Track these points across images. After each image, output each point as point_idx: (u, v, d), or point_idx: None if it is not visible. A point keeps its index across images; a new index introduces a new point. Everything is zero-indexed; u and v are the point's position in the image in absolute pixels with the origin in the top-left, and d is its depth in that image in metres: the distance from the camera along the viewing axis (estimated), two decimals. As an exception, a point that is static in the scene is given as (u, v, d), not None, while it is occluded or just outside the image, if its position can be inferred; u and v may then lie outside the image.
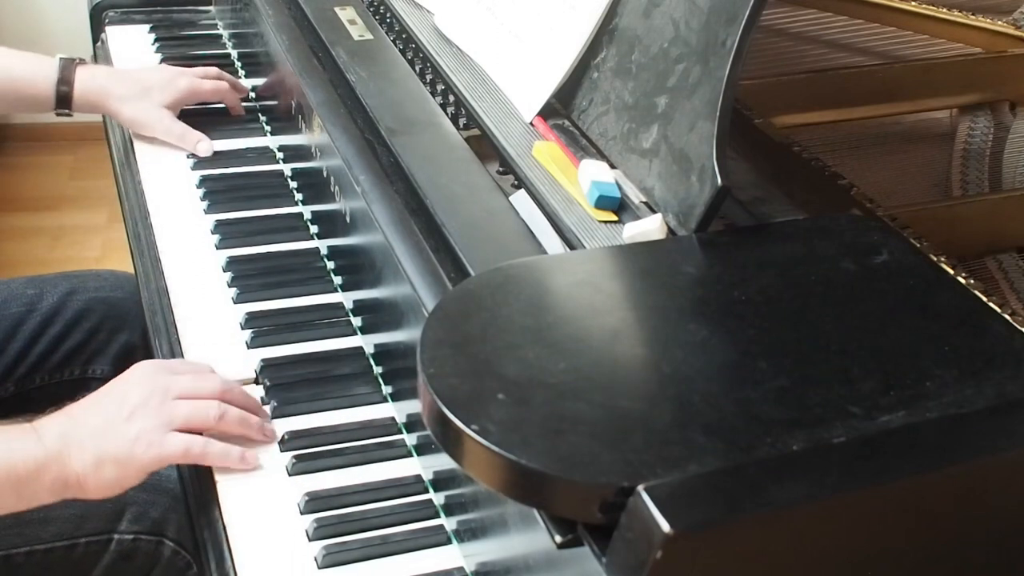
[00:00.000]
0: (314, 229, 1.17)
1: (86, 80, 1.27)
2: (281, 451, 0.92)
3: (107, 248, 2.45)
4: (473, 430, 0.58)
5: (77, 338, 1.26)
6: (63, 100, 1.27)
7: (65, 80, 1.26)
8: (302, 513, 0.87)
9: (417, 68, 1.06)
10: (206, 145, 1.28)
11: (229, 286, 1.10)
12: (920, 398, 0.62)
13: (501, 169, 0.93)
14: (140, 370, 0.93)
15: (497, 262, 0.73)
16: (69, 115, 1.31)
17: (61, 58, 1.27)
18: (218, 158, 1.29)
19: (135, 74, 1.32)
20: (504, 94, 0.97)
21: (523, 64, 0.96)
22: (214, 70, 1.36)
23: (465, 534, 0.83)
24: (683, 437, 0.58)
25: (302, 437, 0.93)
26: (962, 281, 0.78)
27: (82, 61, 1.29)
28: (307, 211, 1.19)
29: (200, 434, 0.89)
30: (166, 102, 1.28)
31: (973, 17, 1.23)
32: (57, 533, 1.00)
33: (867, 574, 0.61)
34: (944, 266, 0.81)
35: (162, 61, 1.48)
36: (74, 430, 0.87)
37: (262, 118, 1.36)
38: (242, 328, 1.04)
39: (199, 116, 1.35)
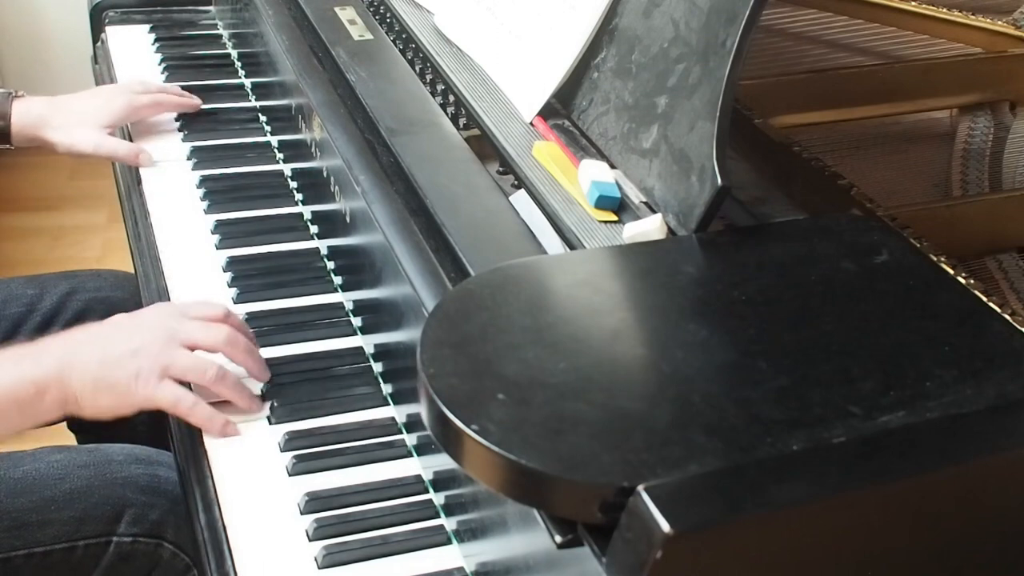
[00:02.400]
0: (314, 229, 1.17)
1: (22, 113, 1.26)
2: (281, 451, 0.92)
3: (107, 248, 2.45)
4: (473, 430, 0.58)
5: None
6: (0, 134, 1.26)
7: (0, 115, 1.25)
8: (302, 513, 0.87)
9: (417, 68, 1.06)
10: (146, 156, 1.27)
11: (229, 286, 1.10)
12: (920, 398, 0.62)
13: (501, 169, 0.93)
14: (155, 310, 0.98)
15: (497, 262, 0.73)
16: (9, 148, 1.28)
17: None
18: (218, 158, 1.29)
19: (71, 102, 1.30)
20: (504, 94, 0.97)
21: (523, 64, 0.96)
22: (156, 84, 1.37)
23: (465, 534, 0.83)
24: (683, 437, 0.58)
25: (302, 437, 0.93)
26: (962, 281, 0.78)
27: (18, 95, 1.28)
28: (307, 211, 1.19)
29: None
30: (103, 123, 1.27)
31: (973, 17, 1.23)
32: (56, 535, 1.00)
33: (867, 574, 0.61)
34: (944, 266, 0.81)
35: (162, 61, 1.48)
36: (78, 354, 0.90)
37: (262, 118, 1.36)
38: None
39: (199, 116, 1.36)
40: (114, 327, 0.95)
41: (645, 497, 0.54)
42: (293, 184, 1.24)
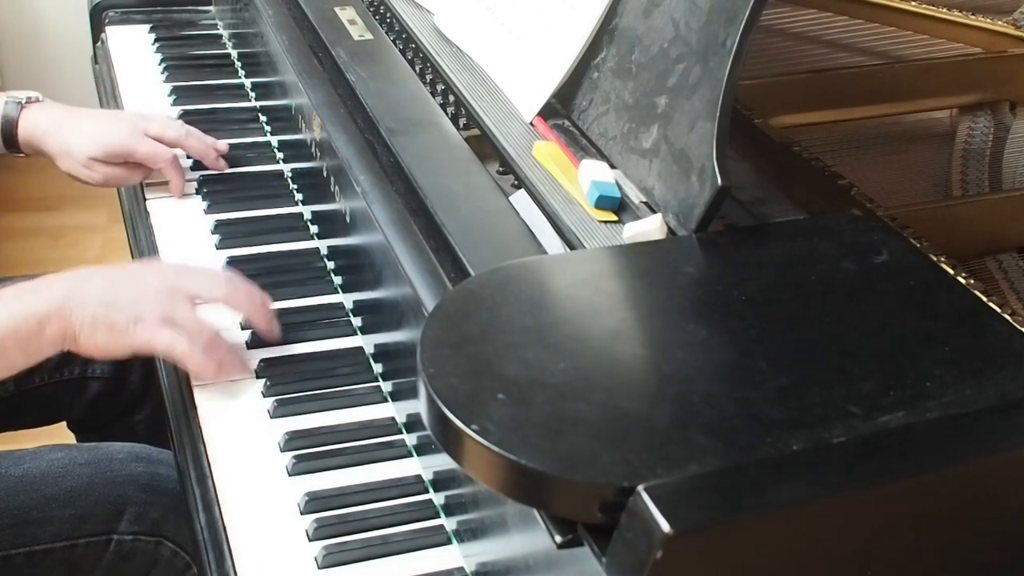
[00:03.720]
0: (314, 229, 1.17)
1: (28, 123, 1.22)
2: (281, 451, 0.92)
3: (107, 248, 2.45)
4: (473, 430, 0.58)
5: (76, 337, 1.26)
6: (9, 140, 1.22)
7: (9, 121, 1.21)
8: (302, 513, 0.87)
9: (417, 68, 1.06)
10: (136, 176, 1.23)
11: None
12: (920, 398, 0.62)
13: (501, 169, 0.93)
14: (160, 264, 1.03)
15: (497, 262, 0.73)
16: (20, 155, 1.24)
17: (9, 99, 1.21)
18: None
19: (74, 121, 1.21)
20: (504, 94, 0.97)
21: (523, 64, 0.96)
22: (179, 130, 1.23)
23: (465, 534, 0.83)
24: (683, 437, 0.58)
25: (302, 437, 0.93)
26: (962, 281, 0.78)
27: (33, 101, 1.23)
28: (307, 211, 1.19)
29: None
30: (91, 155, 1.19)
31: (973, 17, 1.23)
32: (56, 533, 1.00)
33: (867, 574, 0.61)
34: (944, 266, 0.81)
35: (162, 61, 1.48)
36: (81, 291, 0.92)
37: (262, 118, 1.36)
38: (242, 328, 1.04)
39: (200, 117, 1.36)
40: (121, 272, 0.97)
41: (645, 497, 0.54)
42: (293, 184, 1.24)
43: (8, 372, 0.92)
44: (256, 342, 1.02)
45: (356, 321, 1.05)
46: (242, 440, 0.93)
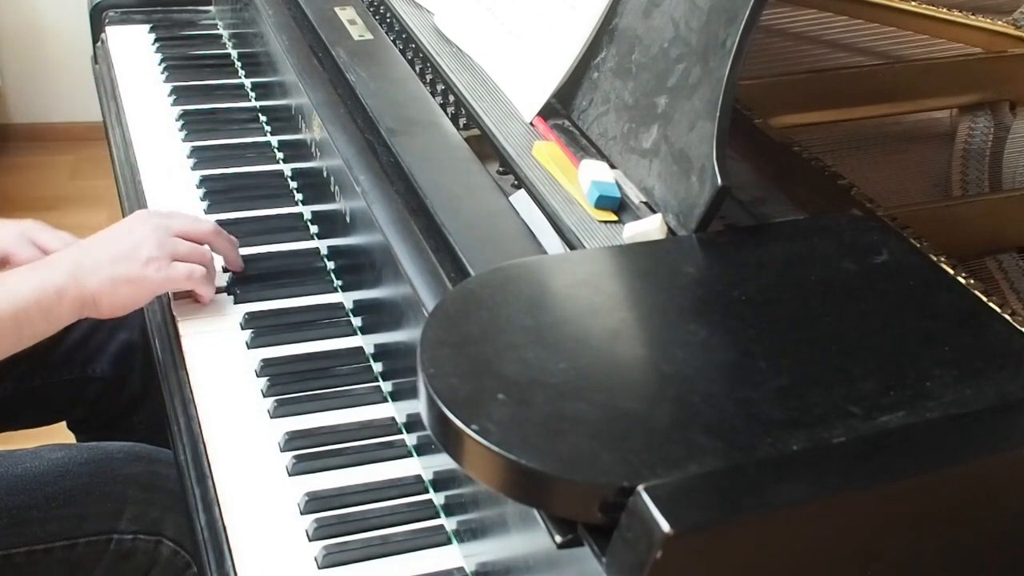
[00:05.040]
0: (314, 229, 1.17)
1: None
2: (281, 451, 0.92)
3: (107, 248, 2.44)
4: (473, 430, 0.58)
5: (76, 337, 1.26)
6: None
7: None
8: (302, 513, 0.87)
9: (417, 68, 1.06)
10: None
11: (229, 286, 1.09)
12: (920, 398, 0.62)
13: (501, 169, 0.93)
14: (141, 213, 1.06)
15: (497, 262, 0.73)
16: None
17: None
18: (218, 158, 1.29)
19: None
20: (504, 94, 0.97)
21: (523, 64, 0.96)
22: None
23: (465, 534, 0.83)
24: (683, 437, 0.58)
25: (302, 437, 0.93)
26: (962, 281, 0.78)
27: None
28: (307, 211, 1.19)
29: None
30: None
31: (973, 17, 1.23)
32: (56, 533, 1.00)
33: (867, 574, 0.61)
34: (944, 266, 0.81)
35: (162, 61, 1.48)
36: (87, 258, 0.97)
37: (262, 118, 1.36)
38: (242, 328, 1.04)
39: (200, 117, 1.36)
40: (109, 232, 1.02)
41: (645, 497, 0.54)
42: (293, 184, 1.24)
43: (33, 340, 0.95)
44: (257, 341, 1.02)
45: (356, 321, 1.05)
46: (242, 440, 0.93)
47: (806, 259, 0.74)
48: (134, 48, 1.53)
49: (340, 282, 1.09)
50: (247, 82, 1.43)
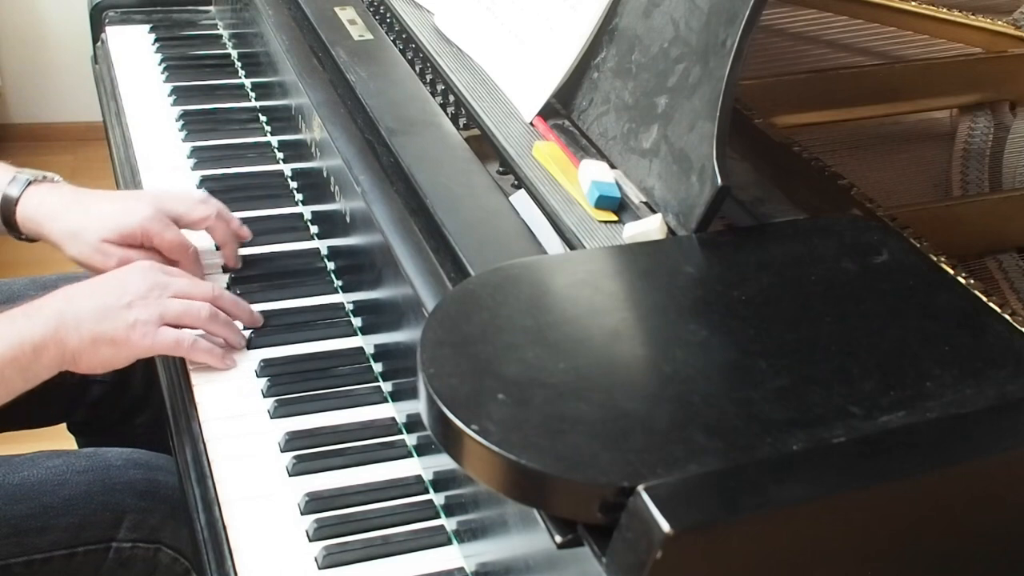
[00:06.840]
0: (314, 229, 1.17)
1: (30, 204, 1.07)
2: (281, 451, 0.92)
3: (107, 248, 2.44)
4: (473, 430, 0.58)
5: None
6: (8, 221, 1.09)
7: (9, 200, 1.07)
8: (302, 514, 0.87)
9: (417, 68, 1.06)
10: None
11: (229, 286, 1.09)
12: (920, 398, 0.62)
13: (501, 169, 0.93)
14: (140, 266, 0.99)
15: (497, 262, 0.73)
16: (22, 238, 1.11)
17: (17, 176, 1.08)
18: (218, 158, 1.29)
19: (87, 201, 1.07)
20: (504, 94, 0.97)
21: (523, 64, 0.96)
22: (209, 209, 1.08)
23: (465, 534, 0.83)
24: (683, 437, 0.58)
25: (302, 437, 0.93)
26: (962, 281, 0.78)
27: (42, 180, 1.10)
28: (307, 211, 1.19)
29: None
30: (104, 237, 1.04)
31: (973, 17, 1.23)
32: (55, 542, 1.00)
33: (867, 574, 0.61)
34: (944, 266, 0.81)
35: (162, 61, 1.48)
36: (71, 311, 0.92)
37: (262, 118, 1.36)
38: (242, 328, 1.04)
39: (200, 117, 1.36)
40: (103, 282, 0.96)
41: (645, 497, 0.54)
42: (293, 184, 1.24)
43: (9, 396, 0.92)
44: (257, 342, 1.02)
45: (356, 321, 1.05)
46: (242, 440, 0.93)
47: (806, 259, 0.74)
48: (134, 48, 1.53)
49: (340, 282, 1.09)
50: (247, 82, 1.43)
